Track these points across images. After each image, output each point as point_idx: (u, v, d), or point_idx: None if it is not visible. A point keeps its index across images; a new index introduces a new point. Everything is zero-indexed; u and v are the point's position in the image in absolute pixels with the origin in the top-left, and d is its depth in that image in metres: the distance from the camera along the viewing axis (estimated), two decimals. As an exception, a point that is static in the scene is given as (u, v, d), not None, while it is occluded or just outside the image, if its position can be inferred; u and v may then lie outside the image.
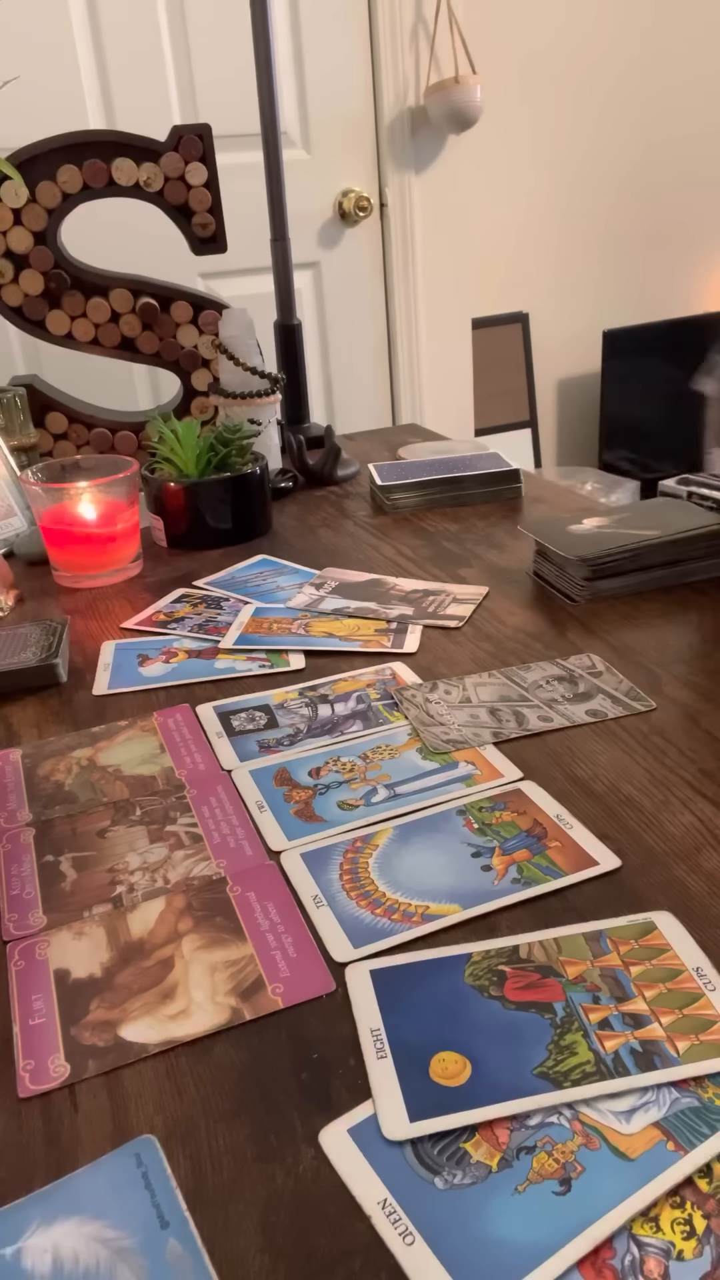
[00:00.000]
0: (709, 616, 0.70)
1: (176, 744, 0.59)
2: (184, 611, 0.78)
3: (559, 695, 0.61)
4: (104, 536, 0.84)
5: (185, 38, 1.77)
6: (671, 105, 2.29)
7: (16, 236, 1.08)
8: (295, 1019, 0.38)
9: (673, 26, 2.23)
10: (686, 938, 0.40)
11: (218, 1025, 0.38)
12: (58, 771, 0.57)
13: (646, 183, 2.34)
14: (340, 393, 2.11)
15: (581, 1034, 0.36)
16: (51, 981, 0.41)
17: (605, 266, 2.37)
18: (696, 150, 2.36)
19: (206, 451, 0.91)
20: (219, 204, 1.11)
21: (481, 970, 0.40)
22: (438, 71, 1.95)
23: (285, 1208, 0.31)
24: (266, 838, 0.49)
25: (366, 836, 0.49)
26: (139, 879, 0.47)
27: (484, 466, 1.01)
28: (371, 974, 0.40)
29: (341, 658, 0.68)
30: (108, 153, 1.07)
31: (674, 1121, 0.33)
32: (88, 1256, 0.30)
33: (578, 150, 2.24)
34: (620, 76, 2.21)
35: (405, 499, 0.99)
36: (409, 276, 2.08)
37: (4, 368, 1.66)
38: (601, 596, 0.73)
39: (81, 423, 1.16)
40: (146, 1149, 0.33)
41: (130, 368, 1.75)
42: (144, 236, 1.38)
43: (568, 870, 0.45)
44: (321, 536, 0.94)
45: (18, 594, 0.82)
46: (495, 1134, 0.33)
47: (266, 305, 1.19)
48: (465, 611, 0.74)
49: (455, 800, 0.51)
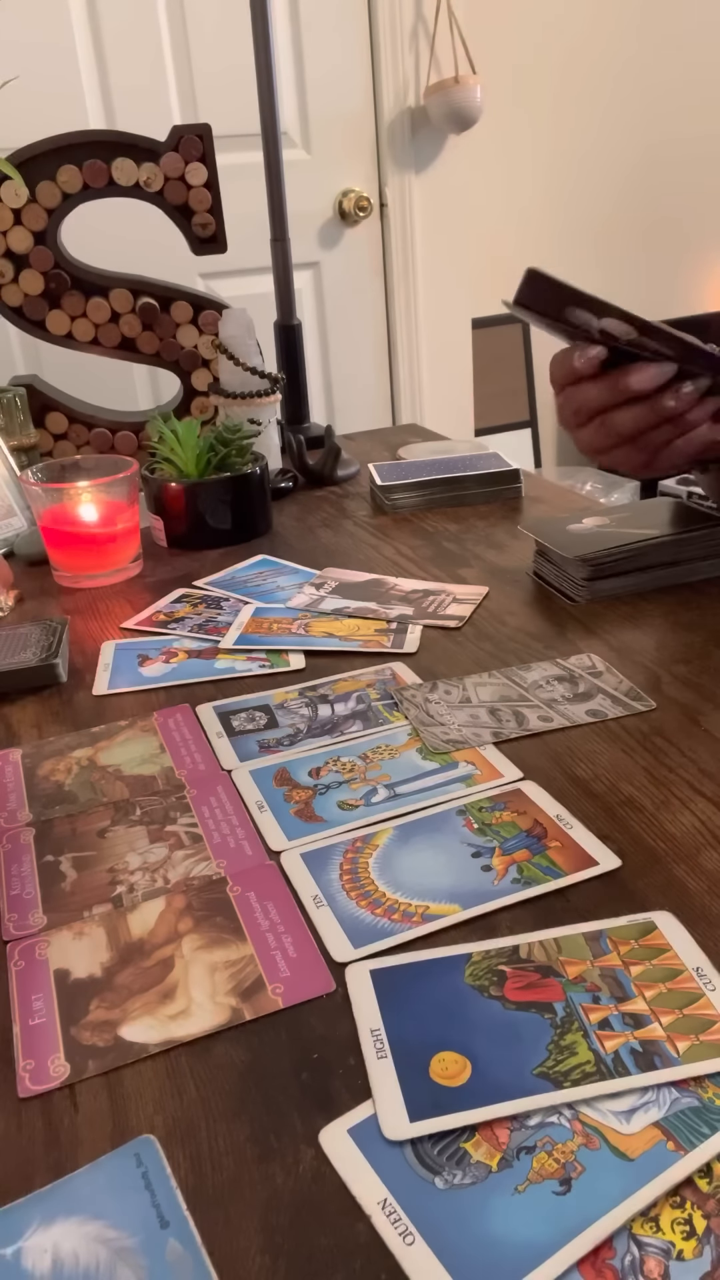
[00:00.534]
0: (709, 616, 0.70)
1: (176, 744, 0.59)
2: (184, 611, 0.78)
3: (559, 695, 0.61)
4: (104, 536, 0.84)
5: (185, 38, 1.77)
6: (672, 105, 2.29)
7: (16, 236, 1.08)
8: (295, 1019, 0.38)
9: (672, 26, 2.23)
10: (686, 938, 0.40)
11: (218, 1025, 0.38)
12: (58, 771, 0.57)
13: (646, 183, 2.34)
14: (340, 393, 2.11)
15: (581, 1034, 0.36)
16: (51, 981, 0.41)
17: (605, 266, 2.36)
18: (697, 150, 2.36)
19: (206, 451, 0.91)
20: (219, 204, 1.11)
21: (481, 970, 0.40)
22: (438, 71, 1.95)
23: (285, 1208, 0.31)
24: (266, 838, 0.49)
25: (366, 836, 0.49)
26: (139, 879, 0.47)
27: (484, 466, 1.01)
28: (371, 974, 0.40)
29: (341, 658, 0.68)
30: (108, 153, 1.07)
31: (674, 1121, 0.33)
32: (88, 1256, 0.30)
33: (577, 150, 2.24)
34: (620, 77, 2.21)
35: (405, 499, 0.99)
36: (409, 276, 2.08)
37: (4, 368, 1.66)
38: (601, 597, 0.73)
39: (81, 423, 1.16)
40: (146, 1149, 0.33)
41: (130, 368, 1.75)
42: (144, 236, 1.38)
43: (568, 870, 0.45)
44: (321, 536, 0.94)
45: (18, 594, 0.82)
46: (495, 1134, 0.33)
47: (266, 305, 1.19)
48: (465, 611, 0.74)
49: (455, 800, 0.51)
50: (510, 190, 2.20)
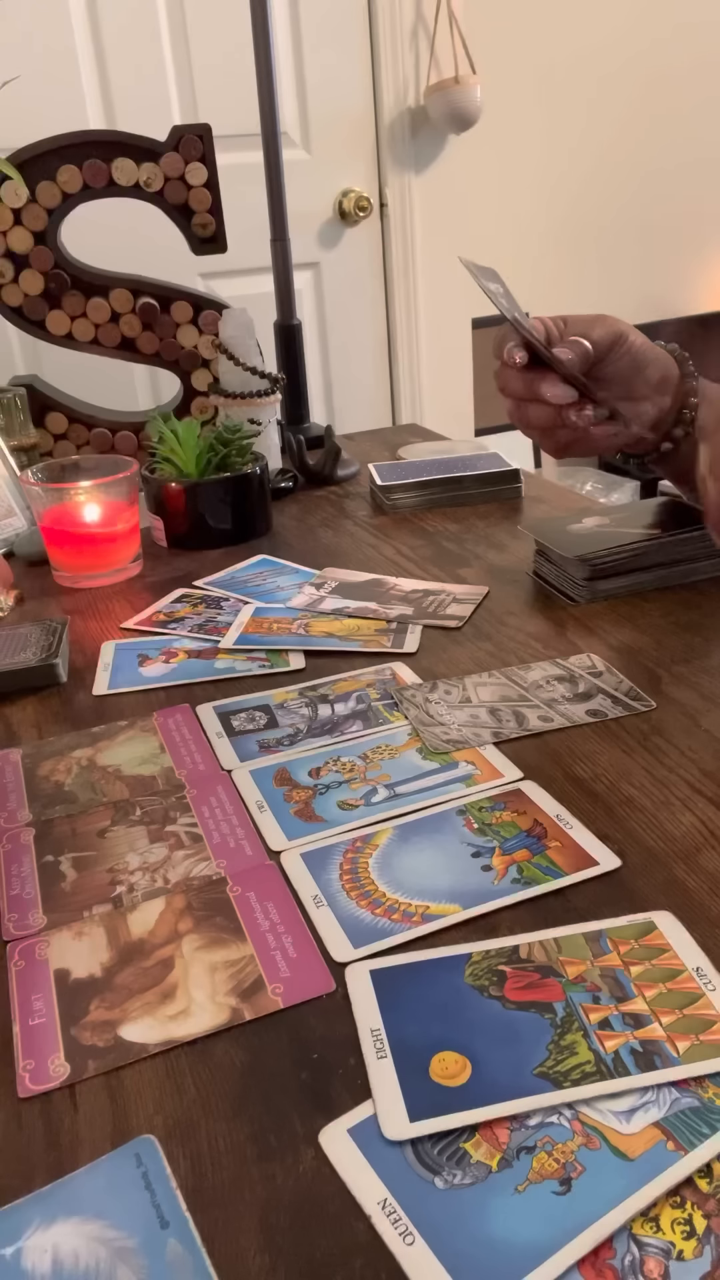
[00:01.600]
0: (709, 616, 0.70)
1: (176, 744, 0.59)
2: (184, 611, 0.78)
3: (559, 695, 0.61)
4: (104, 536, 0.84)
5: (185, 38, 1.77)
6: (672, 104, 2.29)
7: (16, 236, 1.08)
8: (295, 1019, 0.38)
9: (672, 26, 2.23)
10: (686, 938, 0.40)
11: (218, 1025, 0.38)
12: (58, 771, 0.57)
13: (646, 182, 2.34)
14: (340, 393, 2.11)
15: (581, 1034, 0.36)
16: (51, 981, 0.41)
17: (605, 266, 2.37)
18: (697, 150, 2.36)
19: (206, 451, 0.91)
20: (219, 204, 1.11)
21: (481, 970, 0.40)
22: (438, 71, 1.96)
23: (285, 1208, 0.31)
24: (266, 838, 0.49)
25: (366, 836, 0.49)
26: (139, 879, 0.47)
27: (484, 466, 1.01)
28: (371, 974, 0.40)
29: (341, 658, 0.68)
30: (108, 153, 1.07)
31: (674, 1121, 0.33)
32: (88, 1256, 0.30)
33: (577, 150, 2.24)
34: (620, 77, 2.21)
35: (405, 499, 0.99)
36: (409, 276, 2.08)
37: (4, 368, 1.66)
38: (601, 597, 0.73)
39: (81, 423, 1.16)
40: (146, 1149, 0.33)
41: (130, 368, 1.75)
42: (144, 236, 1.38)
43: (568, 870, 0.45)
44: (321, 536, 0.94)
45: (18, 594, 0.82)
46: (495, 1134, 0.33)
47: (266, 305, 1.19)
48: (465, 611, 0.74)
49: (455, 800, 0.51)
50: (510, 190, 2.20)
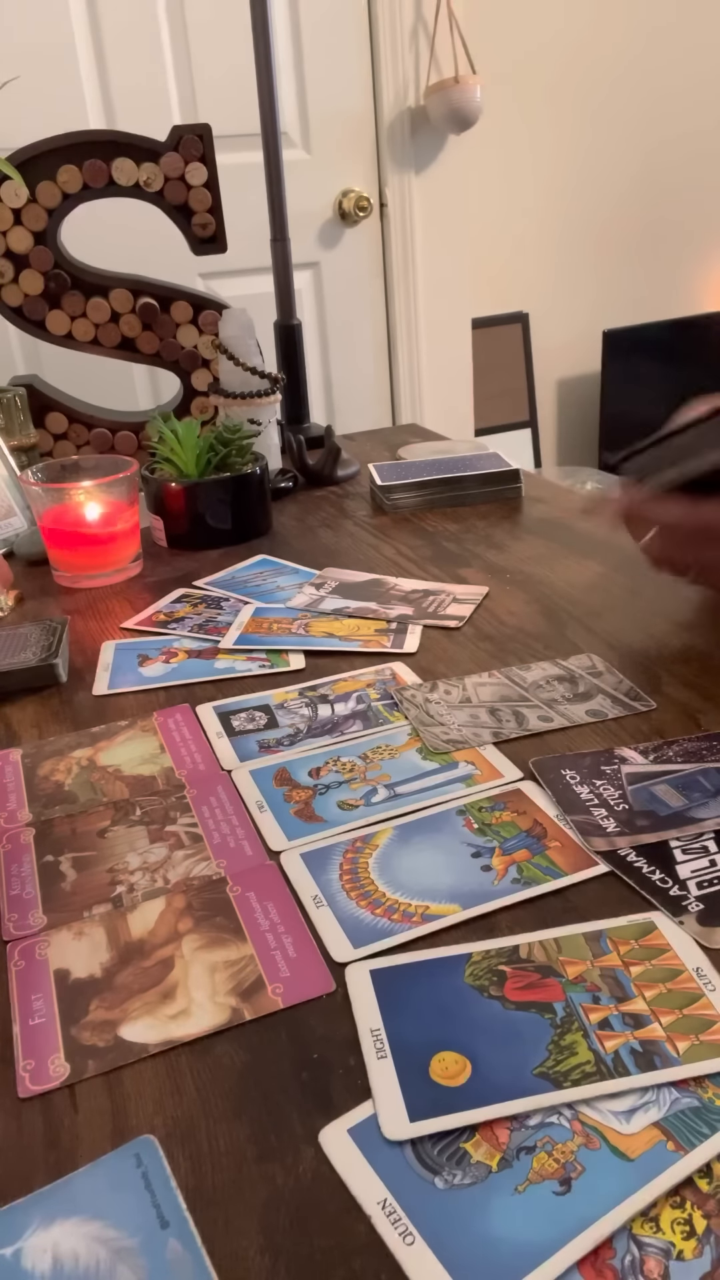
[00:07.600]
0: (709, 616, 0.70)
1: (176, 744, 0.59)
2: (184, 611, 0.78)
3: (559, 695, 0.61)
4: (104, 536, 0.84)
5: (185, 38, 1.77)
6: (672, 104, 2.29)
7: (16, 236, 1.08)
8: (295, 1019, 0.38)
9: (672, 25, 2.23)
10: (686, 938, 0.40)
11: (218, 1025, 0.38)
12: (58, 771, 0.57)
13: (647, 182, 2.34)
14: (340, 393, 2.11)
15: (581, 1034, 0.36)
16: (51, 981, 0.41)
17: (605, 266, 2.37)
18: (697, 150, 2.36)
19: (206, 451, 0.91)
20: (219, 204, 1.11)
21: (481, 970, 0.40)
22: (438, 71, 1.95)
23: (285, 1208, 0.31)
24: (266, 838, 0.49)
25: (366, 836, 0.49)
26: (139, 879, 0.47)
27: (484, 466, 1.01)
28: (371, 974, 0.40)
29: (341, 658, 0.68)
30: (108, 153, 1.07)
31: (674, 1121, 0.33)
32: (88, 1257, 0.30)
33: (577, 150, 2.24)
34: (620, 76, 2.21)
35: (405, 499, 0.99)
36: (409, 276, 2.08)
37: (4, 368, 1.66)
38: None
39: (81, 423, 1.16)
40: (146, 1149, 0.33)
41: (130, 368, 1.75)
42: (144, 236, 1.38)
43: (568, 870, 0.45)
44: (321, 536, 0.94)
45: (18, 594, 0.82)
46: (495, 1134, 0.33)
47: (266, 305, 1.19)
48: (465, 611, 0.74)
49: (455, 800, 0.51)
50: (510, 190, 2.20)
